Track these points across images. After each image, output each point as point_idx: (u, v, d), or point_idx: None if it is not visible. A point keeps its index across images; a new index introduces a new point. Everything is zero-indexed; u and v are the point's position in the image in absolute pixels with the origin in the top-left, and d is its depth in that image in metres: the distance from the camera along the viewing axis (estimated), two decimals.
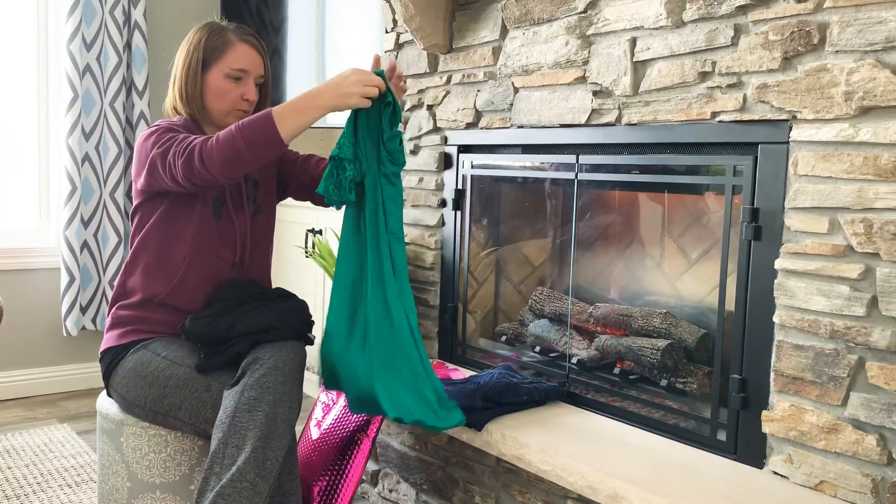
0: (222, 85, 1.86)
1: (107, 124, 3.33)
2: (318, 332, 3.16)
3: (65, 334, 3.32)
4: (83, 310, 3.35)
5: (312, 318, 1.86)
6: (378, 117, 1.71)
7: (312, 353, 2.43)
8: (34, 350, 3.34)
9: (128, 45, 3.37)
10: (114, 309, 1.88)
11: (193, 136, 1.71)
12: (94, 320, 3.39)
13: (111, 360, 1.82)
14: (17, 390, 3.29)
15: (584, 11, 1.92)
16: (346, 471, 1.99)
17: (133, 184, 1.86)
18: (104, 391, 1.92)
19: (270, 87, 1.98)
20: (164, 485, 1.76)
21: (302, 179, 2.03)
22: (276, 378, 1.63)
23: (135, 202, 1.88)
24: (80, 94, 3.24)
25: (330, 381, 1.81)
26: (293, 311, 1.81)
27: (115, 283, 1.90)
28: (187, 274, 1.83)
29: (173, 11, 3.59)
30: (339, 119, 2.97)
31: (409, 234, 2.49)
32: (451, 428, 1.78)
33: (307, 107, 1.63)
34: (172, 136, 1.73)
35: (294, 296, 1.90)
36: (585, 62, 1.92)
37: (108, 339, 1.85)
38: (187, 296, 1.84)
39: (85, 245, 3.32)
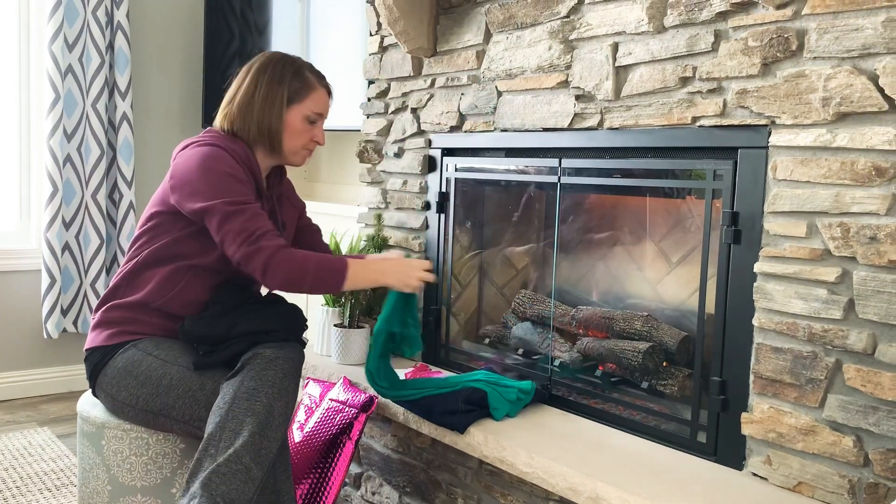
0: (300, 126, 1.87)
1: (89, 125, 3.31)
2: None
3: (45, 337, 3.30)
4: (64, 312, 3.32)
5: (307, 322, 1.87)
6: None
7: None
8: (14, 353, 3.31)
9: (110, 46, 3.35)
10: (105, 307, 1.84)
11: (261, 223, 1.70)
12: (75, 323, 3.36)
13: (98, 360, 1.79)
14: None
15: (567, 16, 1.93)
16: (329, 474, 1.99)
17: (166, 194, 1.79)
18: (86, 393, 1.91)
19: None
20: (146, 488, 1.75)
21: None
22: (276, 373, 1.64)
23: (158, 208, 1.81)
24: (62, 94, 3.21)
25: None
26: (291, 314, 1.82)
27: (112, 281, 1.86)
28: (187, 287, 1.81)
29: (156, 12, 3.58)
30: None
31: (393, 236, 2.50)
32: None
33: (374, 279, 1.84)
34: (244, 203, 1.70)
35: (285, 300, 1.90)
36: (568, 66, 1.93)
37: (95, 338, 1.82)
38: (185, 304, 1.81)
39: (66, 247, 3.30)
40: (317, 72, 1.94)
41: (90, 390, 1.86)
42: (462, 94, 2.25)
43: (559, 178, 2.02)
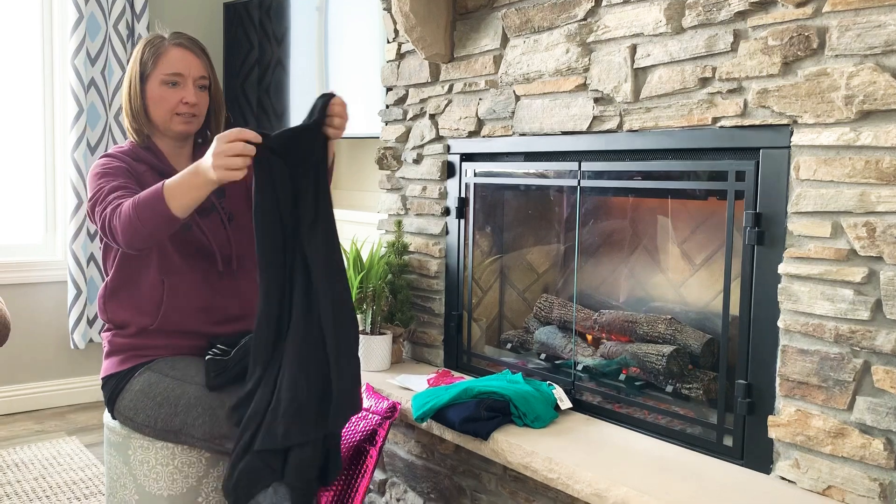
0: (159, 92, 1.83)
1: (112, 138, 3.35)
2: None
3: (72, 347, 3.34)
4: (90, 323, 3.36)
5: None
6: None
7: None
8: (42, 363, 3.35)
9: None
10: (109, 336, 1.86)
11: (114, 195, 1.67)
12: (101, 333, 3.40)
13: (115, 385, 1.80)
14: (26, 403, 3.31)
15: (584, 19, 1.93)
16: (354, 480, 1.99)
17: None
18: None
19: (220, 90, 1.95)
20: (172, 497, 1.76)
21: None
22: None
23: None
24: (86, 108, 3.26)
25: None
26: None
27: (97, 306, 1.86)
28: (172, 298, 1.80)
29: (177, 24, 3.61)
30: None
31: (414, 242, 2.50)
32: None
33: (196, 183, 1.56)
34: (100, 189, 1.71)
35: None
36: (586, 69, 1.93)
37: (109, 366, 1.83)
38: (181, 318, 1.81)
39: (91, 258, 3.34)
40: (177, 35, 1.86)
41: (109, 415, 1.86)
42: (480, 99, 2.25)
43: (579, 181, 2.01)
